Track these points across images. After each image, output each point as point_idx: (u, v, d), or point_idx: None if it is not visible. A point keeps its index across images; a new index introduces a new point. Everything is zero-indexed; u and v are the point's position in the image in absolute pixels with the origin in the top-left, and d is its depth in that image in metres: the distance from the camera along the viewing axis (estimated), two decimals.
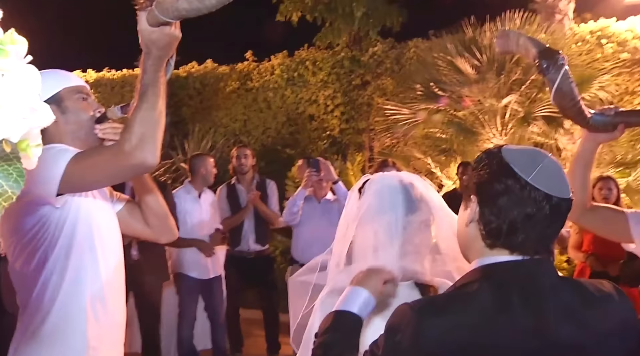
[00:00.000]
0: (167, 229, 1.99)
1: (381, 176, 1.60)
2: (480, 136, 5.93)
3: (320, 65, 7.99)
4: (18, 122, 0.63)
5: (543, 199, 1.07)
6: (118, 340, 1.85)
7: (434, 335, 1.03)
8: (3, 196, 0.66)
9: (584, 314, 1.08)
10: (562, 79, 1.66)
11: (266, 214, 4.83)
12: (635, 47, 6.67)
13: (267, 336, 5.00)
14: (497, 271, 1.10)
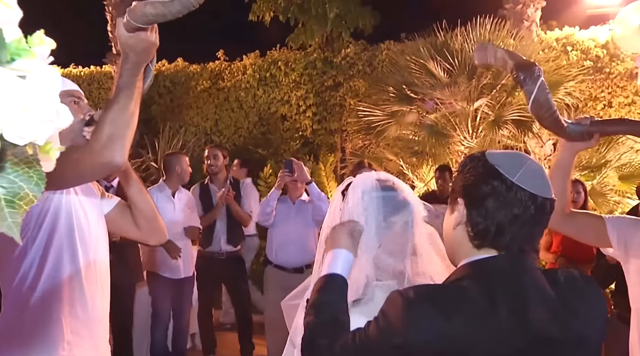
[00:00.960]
0: (156, 231, 2.01)
1: (364, 178, 1.63)
2: (451, 138, 6.02)
3: (292, 65, 7.99)
4: (46, 124, 0.62)
5: (529, 199, 1.10)
6: (99, 336, 1.88)
7: (422, 323, 1.06)
8: (25, 199, 0.65)
9: (566, 308, 1.11)
10: (538, 90, 1.71)
11: (239, 215, 4.81)
12: (597, 55, 6.89)
13: (240, 337, 4.98)
14: (486, 265, 1.13)
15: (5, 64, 0.61)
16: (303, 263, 4.41)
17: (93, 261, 1.86)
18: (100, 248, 1.90)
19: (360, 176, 1.65)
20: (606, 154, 5.56)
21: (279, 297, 4.59)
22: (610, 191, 5.63)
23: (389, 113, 6.28)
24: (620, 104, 6.71)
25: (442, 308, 1.08)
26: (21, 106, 0.59)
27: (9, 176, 0.65)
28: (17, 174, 0.66)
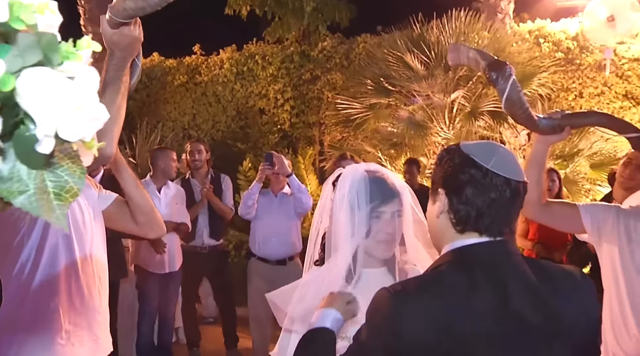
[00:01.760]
0: (154, 225, 2.05)
1: (353, 169, 1.68)
2: (429, 130, 6.12)
3: (269, 59, 7.98)
4: (93, 122, 0.66)
5: (504, 184, 1.18)
6: (97, 327, 1.93)
7: (411, 315, 1.11)
8: (70, 192, 0.70)
9: (546, 291, 1.17)
10: (511, 88, 1.79)
11: (220, 209, 4.83)
12: (568, 47, 7.06)
13: (224, 329, 5.01)
14: (468, 252, 1.19)
15: (56, 67, 0.65)
16: (286, 255, 4.46)
17: (89, 254, 1.91)
18: (96, 242, 1.95)
19: (350, 167, 1.71)
20: (578, 143, 5.71)
21: (262, 289, 4.68)
22: (582, 179, 5.80)
23: (367, 106, 6.35)
24: (591, 94, 6.89)
25: (429, 298, 1.13)
26: (74, 106, 0.63)
27: (56, 171, 0.70)
28: (63, 169, 0.70)
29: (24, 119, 0.64)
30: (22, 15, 0.59)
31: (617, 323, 2.14)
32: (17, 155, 0.64)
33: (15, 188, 0.66)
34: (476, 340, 1.10)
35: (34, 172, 0.67)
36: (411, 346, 1.09)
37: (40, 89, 0.61)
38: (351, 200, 1.59)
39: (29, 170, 0.67)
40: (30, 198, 0.67)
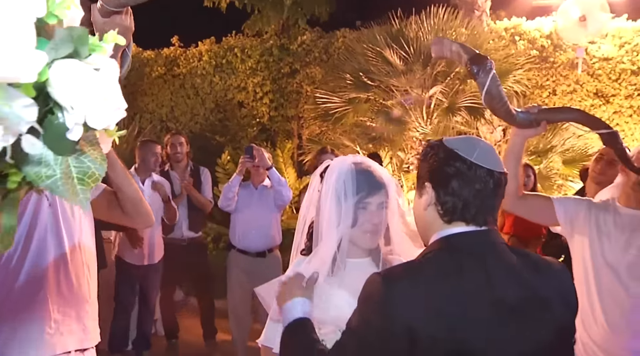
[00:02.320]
0: (142, 215, 2.03)
1: (341, 161, 1.72)
2: (407, 125, 6.20)
3: (249, 52, 7.97)
4: (118, 111, 0.70)
5: (487, 175, 1.25)
6: (86, 316, 1.93)
7: (402, 299, 1.16)
8: (92, 177, 0.74)
9: (529, 277, 1.24)
10: (491, 82, 1.83)
11: (199, 201, 4.84)
12: (542, 45, 7.21)
13: (202, 321, 5.03)
14: (455, 240, 1.26)
15: (83, 59, 0.69)
16: (266, 247, 4.51)
17: (78, 243, 1.90)
18: (85, 231, 1.94)
19: (338, 159, 1.75)
20: (552, 140, 5.85)
21: (242, 281, 4.71)
22: (555, 175, 5.95)
23: (346, 100, 6.40)
24: (564, 92, 7.06)
25: (419, 282, 1.19)
26: (102, 96, 0.67)
27: (80, 157, 0.73)
28: (86, 156, 0.74)
29: (54, 108, 0.67)
30: (56, 10, 0.62)
31: (585, 313, 2.22)
32: (46, 142, 0.68)
33: (43, 172, 0.70)
34: (466, 323, 1.15)
35: (60, 158, 0.71)
36: (403, 329, 1.14)
37: (71, 79, 0.64)
38: (338, 191, 1.63)
39: (55, 156, 0.70)
40: (57, 182, 0.70)
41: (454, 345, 1.14)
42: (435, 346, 1.14)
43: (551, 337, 1.23)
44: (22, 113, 0.59)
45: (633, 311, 2.11)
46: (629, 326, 2.12)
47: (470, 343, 1.15)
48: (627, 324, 2.12)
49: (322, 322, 1.55)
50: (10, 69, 0.55)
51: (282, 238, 4.67)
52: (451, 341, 1.14)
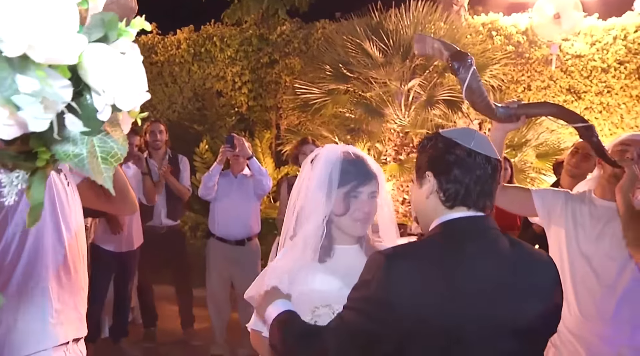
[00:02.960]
0: (127, 202, 2.03)
1: (331, 149, 1.76)
2: (385, 117, 6.27)
3: (228, 41, 7.93)
4: (143, 94, 0.74)
5: (485, 161, 1.31)
6: (81, 304, 1.91)
7: (401, 276, 1.22)
8: (114, 157, 0.77)
9: (521, 260, 1.32)
10: (471, 77, 1.87)
11: (177, 189, 4.84)
12: (518, 41, 7.35)
13: (180, 309, 5.05)
14: (455, 224, 1.32)
15: (111, 43, 0.72)
16: (245, 236, 4.54)
17: (74, 230, 1.87)
18: (79, 218, 1.92)
19: (328, 148, 1.79)
20: (526, 134, 5.99)
21: (221, 269, 4.73)
22: (529, 168, 6.09)
23: (326, 91, 6.44)
24: (538, 87, 7.22)
25: (421, 261, 1.25)
26: (130, 79, 0.70)
27: (104, 138, 0.76)
28: (109, 136, 0.77)
29: (83, 90, 0.70)
30: None
31: None
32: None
33: (71, 151, 0.73)
34: (459, 302, 1.22)
35: (85, 138, 0.74)
36: (404, 306, 1.19)
37: (102, 63, 0.67)
38: (325, 178, 1.66)
39: (81, 135, 0.73)
40: (83, 160, 0.73)
41: (446, 322, 1.20)
42: (430, 321, 1.20)
43: (536, 321, 1.29)
44: (60, 93, 0.62)
45: (604, 299, 2.21)
46: (599, 314, 2.21)
47: (462, 320, 1.21)
48: (598, 311, 2.21)
49: (314, 305, 1.60)
50: (56, 51, 0.58)
51: (260, 227, 4.71)
52: (444, 317, 1.20)
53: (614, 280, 2.19)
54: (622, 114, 6.98)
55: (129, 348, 4.61)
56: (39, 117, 0.59)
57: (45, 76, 0.60)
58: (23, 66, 0.58)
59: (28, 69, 0.58)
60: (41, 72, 0.60)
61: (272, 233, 5.68)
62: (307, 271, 1.64)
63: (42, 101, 0.60)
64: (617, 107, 7.00)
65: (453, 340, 1.22)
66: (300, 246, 1.66)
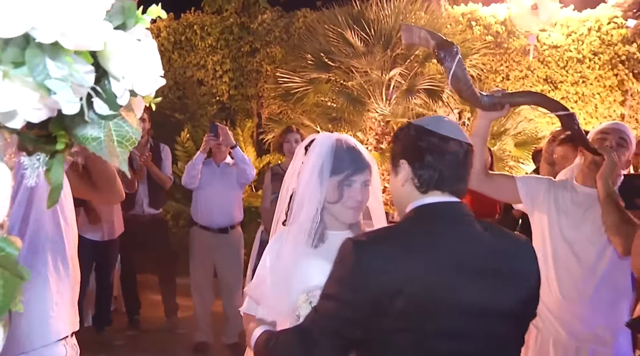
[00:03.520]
0: (114, 191, 2.01)
1: (324, 138, 1.80)
2: (366, 106, 6.32)
3: (208, 30, 7.87)
4: (158, 79, 0.77)
5: (457, 146, 1.34)
6: (76, 297, 1.88)
7: (370, 260, 1.24)
8: (129, 140, 0.80)
9: (496, 245, 1.33)
10: (457, 66, 1.92)
11: (159, 177, 4.84)
12: (497, 31, 7.44)
13: (164, 298, 5.07)
14: (428, 208, 1.34)
15: (127, 30, 0.75)
16: (228, 224, 4.57)
17: (70, 221, 1.85)
18: (72, 208, 1.89)
19: (323, 135, 1.83)
20: (505, 123, 6.09)
21: (204, 257, 4.75)
22: (507, 157, 6.21)
23: (307, 80, 6.46)
24: (516, 77, 7.33)
25: (389, 246, 1.27)
26: (147, 65, 0.73)
27: (119, 122, 0.80)
28: (124, 121, 0.80)
29: (101, 76, 0.73)
30: None
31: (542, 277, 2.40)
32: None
33: (89, 135, 0.76)
34: (434, 286, 1.24)
35: (103, 122, 0.77)
36: (373, 292, 1.22)
37: (123, 49, 0.70)
38: (320, 165, 1.69)
39: (99, 120, 0.76)
40: (101, 144, 0.76)
41: (417, 305, 1.22)
42: (400, 304, 1.21)
43: (517, 305, 1.32)
44: (85, 78, 0.65)
45: (584, 282, 2.30)
46: (579, 296, 2.30)
47: (434, 303, 1.23)
48: (578, 293, 2.30)
49: (309, 288, 1.64)
50: (84, 37, 0.61)
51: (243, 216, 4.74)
52: (415, 301, 1.22)
53: (593, 264, 2.28)
54: (596, 104, 7.14)
55: (112, 337, 4.62)
56: (71, 101, 0.62)
57: (72, 62, 0.63)
58: (53, 52, 0.61)
59: (58, 55, 0.61)
60: (69, 58, 0.63)
61: (255, 221, 5.70)
62: (301, 256, 1.68)
63: (70, 86, 0.63)
64: (592, 97, 7.15)
65: (427, 323, 1.23)
66: (294, 231, 1.70)
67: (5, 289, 0.65)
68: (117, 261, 4.91)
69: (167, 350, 4.53)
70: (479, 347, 1.28)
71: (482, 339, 1.27)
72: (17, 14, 0.55)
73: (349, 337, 1.29)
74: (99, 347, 4.28)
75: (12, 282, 0.65)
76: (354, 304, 1.25)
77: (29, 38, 0.60)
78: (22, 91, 0.61)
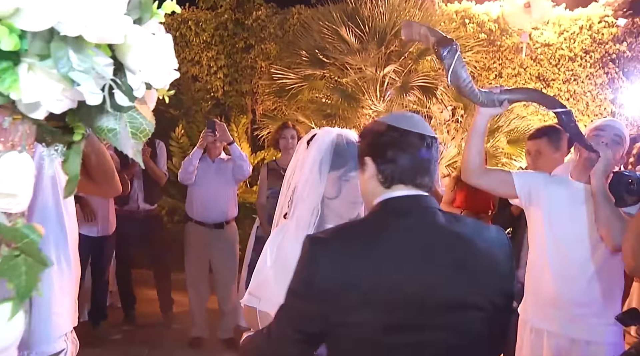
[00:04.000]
0: (113, 185, 2.01)
1: (327, 132, 1.82)
2: (361, 102, 6.35)
3: (203, 26, 7.86)
4: (173, 73, 0.79)
5: (419, 140, 1.34)
6: (76, 292, 1.89)
7: (326, 257, 1.25)
8: (143, 132, 0.83)
9: (459, 236, 1.31)
10: (456, 63, 1.92)
11: (155, 173, 4.86)
12: (490, 29, 7.48)
13: (159, 293, 5.09)
14: (391, 202, 1.34)
15: (143, 24, 0.77)
16: (223, 219, 4.59)
17: (71, 215, 1.85)
18: (72, 202, 1.90)
19: (324, 130, 1.86)
20: (498, 121, 6.12)
21: (200, 253, 4.77)
22: (500, 154, 6.26)
23: (302, 77, 6.48)
24: (509, 74, 7.38)
25: (345, 243, 1.28)
26: (163, 58, 0.76)
27: (133, 114, 0.82)
28: (138, 113, 0.83)
29: (118, 69, 0.76)
30: None
31: (536, 276, 2.45)
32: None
33: (105, 125, 0.78)
34: (392, 278, 1.23)
35: (118, 113, 0.79)
36: (327, 286, 1.23)
37: (140, 42, 0.73)
38: (319, 161, 1.73)
39: (114, 112, 0.79)
40: (117, 135, 0.79)
41: (374, 298, 1.22)
42: (356, 298, 1.21)
43: (479, 296, 1.29)
44: (105, 71, 0.68)
45: (577, 277, 2.34)
46: (573, 290, 2.35)
47: (390, 295, 1.23)
48: (572, 287, 2.34)
49: None
50: (107, 30, 0.63)
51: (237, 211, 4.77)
52: (371, 293, 1.22)
53: (587, 258, 2.32)
54: (587, 101, 7.21)
55: (108, 331, 4.64)
56: (94, 92, 0.64)
57: (94, 55, 0.65)
58: (76, 45, 0.63)
59: (80, 48, 0.64)
60: (91, 51, 0.65)
61: (249, 217, 5.73)
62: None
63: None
64: (583, 94, 7.22)
65: (388, 317, 1.23)
66: (295, 225, 1.73)
67: (28, 276, 0.67)
68: (113, 256, 4.92)
69: (163, 344, 4.55)
70: (443, 340, 1.26)
71: (447, 331, 1.26)
72: (45, 9, 0.58)
73: (309, 332, 1.30)
74: (95, 341, 4.30)
75: (34, 268, 0.67)
76: (310, 299, 1.26)
77: (53, 32, 0.62)
78: (46, 83, 0.64)
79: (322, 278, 1.23)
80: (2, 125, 0.68)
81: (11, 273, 0.66)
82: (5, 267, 0.66)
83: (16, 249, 0.67)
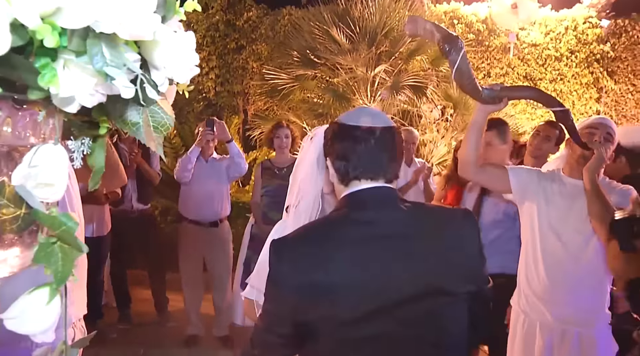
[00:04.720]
0: (117, 177, 2.08)
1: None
2: (352, 102, 6.41)
3: (194, 26, 7.90)
4: (193, 69, 0.84)
5: (367, 133, 1.33)
6: (84, 284, 1.90)
7: (288, 258, 1.27)
8: (164, 126, 0.87)
9: (421, 224, 1.33)
10: (461, 60, 1.96)
11: (148, 173, 4.87)
12: (478, 29, 7.58)
13: (154, 292, 5.10)
14: (350, 198, 1.36)
15: (166, 22, 0.82)
16: (217, 218, 4.62)
17: (78, 208, 1.87)
18: (78, 195, 1.90)
19: (324, 128, 1.90)
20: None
21: (194, 251, 4.79)
22: None
23: (294, 77, 6.53)
24: (497, 74, 7.49)
25: (303, 243, 1.31)
26: (186, 55, 0.80)
27: (155, 108, 0.86)
28: (158, 107, 0.87)
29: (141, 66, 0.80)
30: None
31: (530, 269, 2.51)
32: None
33: (129, 120, 0.83)
34: (354, 272, 1.25)
35: (140, 108, 0.84)
36: (292, 288, 1.25)
37: (165, 39, 0.77)
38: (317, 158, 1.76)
39: (137, 106, 0.83)
40: (140, 129, 0.83)
41: (338, 293, 1.24)
42: (320, 294, 1.24)
43: (446, 281, 1.29)
44: (135, 66, 0.72)
45: (570, 269, 2.41)
46: (565, 281, 2.41)
47: (353, 289, 1.24)
48: (564, 279, 2.41)
49: None
50: (139, 28, 0.68)
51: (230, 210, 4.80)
52: (335, 289, 1.24)
53: (579, 251, 2.39)
54: (573, 100, 7.32)
55: (104, 330, 4.64)
56: (128, 86, 0.68)
57: (125, 51, 0.70)
58: (109, 42, 0.68)
59: (113, 45, 0.68)
60: (122, 48, 0.70)
61: (242, 216, 5.76)
62: None
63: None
64: (569, 94, 7.34)
65: (353, 310, 1.24)
66: (296, 219, 1.78)
67: (64, 262, 0.72)
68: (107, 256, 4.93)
69: (159, 343, 4.57)
70: (412, 328, 1.27)
71: (415, 319, 1.27)
72: (84, 7, 0.62)
73: (280, 333, 1.32)
74: (91, 340, 4.27)
75: (70, 255, 0.71)
76: (278, 300, 1.30)
77: (89, 29, 0.67)
78: (81, 78, 0.68)
79: (285, 278, 1.26)
80: (36, 119, 0.73)
81: (48, 259, 0.70)
82: (43, 254, 0.70)
83: (52, 236, 0.71)
